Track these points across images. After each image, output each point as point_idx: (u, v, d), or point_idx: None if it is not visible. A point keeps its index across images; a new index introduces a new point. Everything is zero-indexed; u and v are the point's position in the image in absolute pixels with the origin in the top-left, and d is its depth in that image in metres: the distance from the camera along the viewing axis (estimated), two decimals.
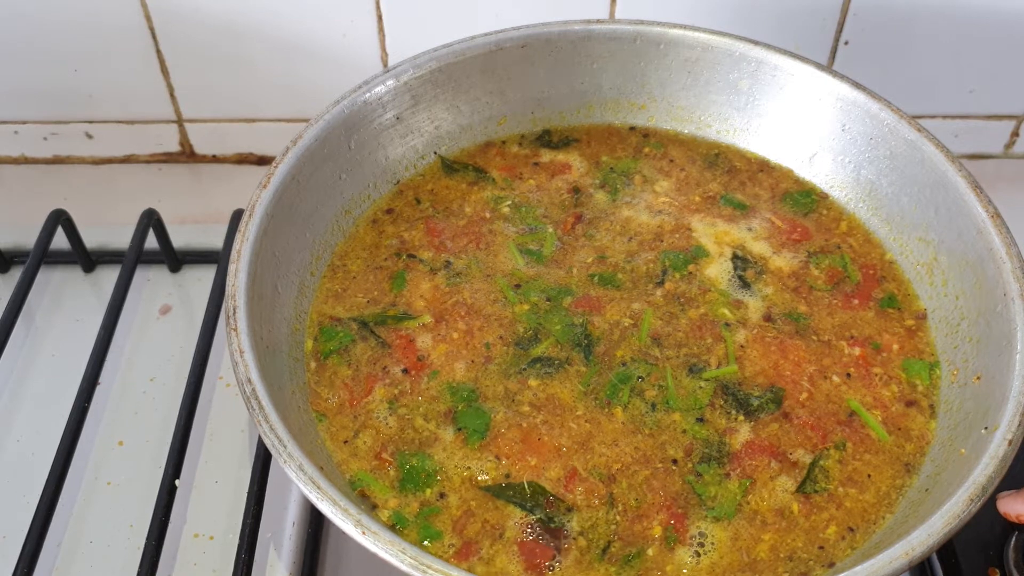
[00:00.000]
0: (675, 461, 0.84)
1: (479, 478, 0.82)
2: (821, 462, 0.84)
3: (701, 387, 0.89)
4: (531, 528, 0.80)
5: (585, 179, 1.08)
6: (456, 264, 0.98)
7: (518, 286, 0.96)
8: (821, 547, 0.80)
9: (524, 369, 0.90)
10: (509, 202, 1.04)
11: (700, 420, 0.86)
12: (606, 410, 0.87)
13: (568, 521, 0.80)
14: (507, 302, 0.95)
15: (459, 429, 0.85)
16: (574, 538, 0.79)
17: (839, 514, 0.82)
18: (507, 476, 0.82)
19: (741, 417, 0.87)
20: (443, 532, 0.80)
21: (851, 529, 0.81)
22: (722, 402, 0.88)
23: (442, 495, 0.82)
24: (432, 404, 0.87)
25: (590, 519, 0.80)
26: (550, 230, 1.02)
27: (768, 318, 0.95)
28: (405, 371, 0.89)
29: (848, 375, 0.90)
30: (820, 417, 0.87)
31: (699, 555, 0.79)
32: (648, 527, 0.80)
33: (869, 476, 0.84)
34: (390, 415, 0.87)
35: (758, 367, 0.90)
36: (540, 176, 1.08)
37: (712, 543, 0.80)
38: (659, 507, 0.81)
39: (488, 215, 1.03)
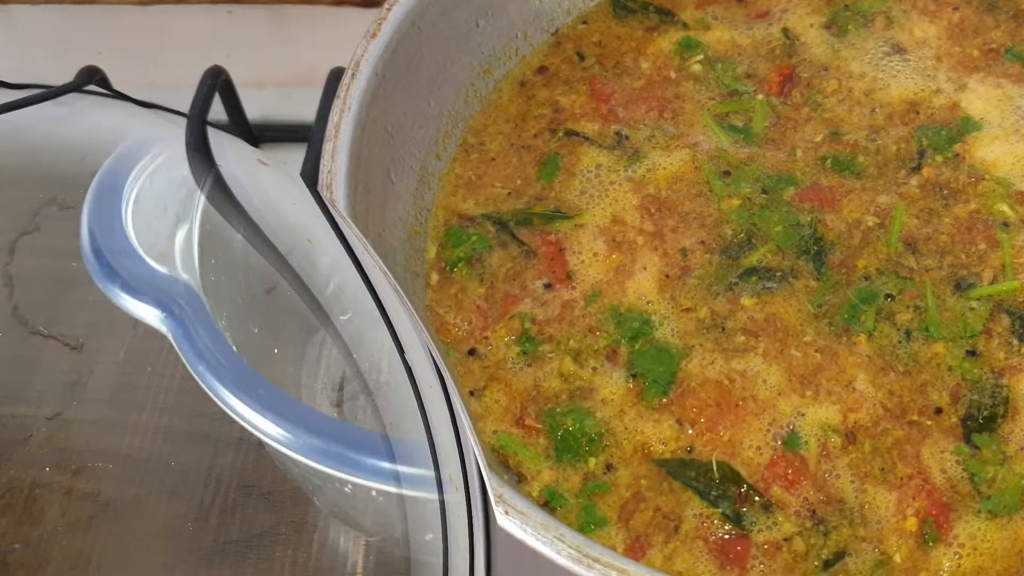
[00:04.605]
0: (939, 410, 0.74)
1: (653, 447, 0.74)
2: None
3: (972, 309, 0.79)
4: (714, 524, 0.71)
5: (804, 20, 0.95)
6: (633, 139, 0.88)
7: (727, 173, 0.85)
8: None
9: (735, 284, 0.80)
10: (701, 55, 0.93)
11: (971, 353, 0.76)
12: (844, 338, 0.77)
13: (765, 524, 0.70)
14: (712, 196, 0.84)
15: (633, 376, 0.76)
16: (781, 542, 0.69)
17: None
18: (689, 450, 0.74)
19: None
20: (608, 519, 0.71)
21: None
22: (1001, 329, 0.77)
23: (609, 467, 0.73)
24: (588, 338, 0.78)
25: (798, 525, 0.70)
26: (760, 97, 0.90)
27: None
28: (548, 286, 0.81)
29: None
30: None
31: (960, 556, 0.69)
32: (900, 520, 0.69)
33: None
34: (530, 354, 0.78)
35: None
36: (744, 16, 0.96)
37: (985, 543, 0.69)
38: (915, 489, 0.70)
39: (673, 74, 0.92)
